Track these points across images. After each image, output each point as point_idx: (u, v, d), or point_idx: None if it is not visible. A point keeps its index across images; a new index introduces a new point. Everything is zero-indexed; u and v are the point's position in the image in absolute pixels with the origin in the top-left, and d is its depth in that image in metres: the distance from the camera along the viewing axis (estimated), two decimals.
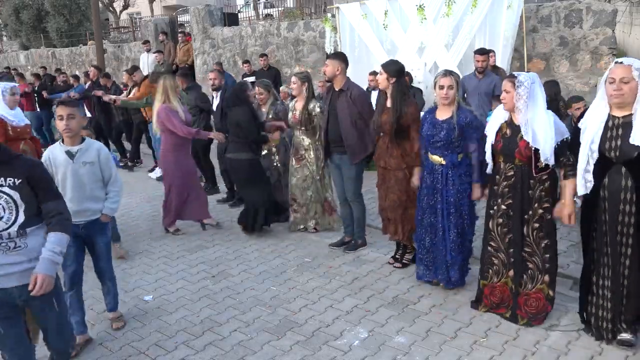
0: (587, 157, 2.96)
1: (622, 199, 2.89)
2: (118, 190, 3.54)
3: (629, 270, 2.96)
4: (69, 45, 17.63)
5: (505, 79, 3.37)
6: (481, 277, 3.62)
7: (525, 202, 3.34)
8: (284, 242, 5.20)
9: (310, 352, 3.28)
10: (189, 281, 4.42)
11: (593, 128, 2.95)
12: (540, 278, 3.39)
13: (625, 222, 2.92)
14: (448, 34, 7.62)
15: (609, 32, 7.47)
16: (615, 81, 2.80)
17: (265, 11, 21.52)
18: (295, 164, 5.25)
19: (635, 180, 2.84)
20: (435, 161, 3.82)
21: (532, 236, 3.36)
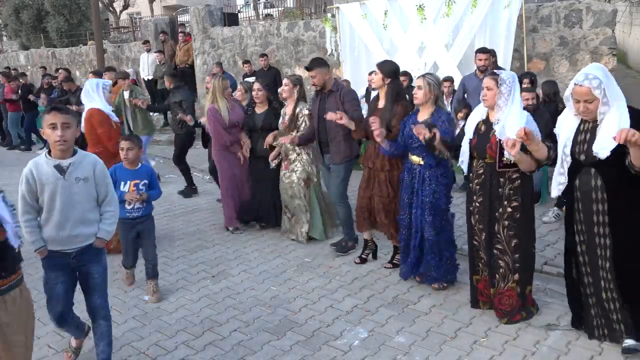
0: (561, 161, 3.06)
1: (594, 198, 2.96)
2: (114, 210, 3.06)
3: (609, 273, 2.98)
4: (69, 45, 17.62)
5: (487, 76, 3.42)
6: (473, 273, 3.66)
7: (494, 200, 3.40)
8: (284, 242, 5.20)
9: (310, 352, 3.28)
10: (189, 281, 4.42)
11: (566, 132, 3.04)
12: (510, 277, 3.43)
13: (600, 222, 2.97)
14: (448, 34, 7.62)
15: (609, 32, 7.47)
16: (581, 102, 2.88)
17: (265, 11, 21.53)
18: (283, 169, 5.14)
19: (604, 179, 2.91)
20: (414, 161, 3.90)
21: (502, 234, 3.41)
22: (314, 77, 4.62)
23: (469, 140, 3.50)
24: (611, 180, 2.89)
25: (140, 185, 4.02)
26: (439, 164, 3.83)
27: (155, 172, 4.20)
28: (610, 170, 2.87)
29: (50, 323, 3.79)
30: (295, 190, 5.06)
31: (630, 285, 2.95)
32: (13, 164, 10.30)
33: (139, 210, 4.04)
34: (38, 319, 3.86)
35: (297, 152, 5.04)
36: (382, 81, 4.16)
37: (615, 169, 2.84)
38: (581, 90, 2.85)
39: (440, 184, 3.84)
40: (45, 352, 3.45)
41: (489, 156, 3.37)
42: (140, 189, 4.01)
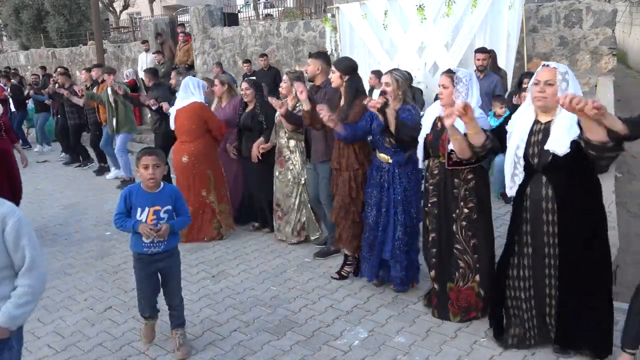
0: (514, 163, 2.93)
1: (544, 208, 2.85)
2: (33, 285, 2.13)
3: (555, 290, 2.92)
4: (69, 45, 17.62)
5: (444, 74, 3.37)
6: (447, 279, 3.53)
7: (449, 200, 3.38)
8: (284, 242, 5.20)
9: (310, 352, 3.28)
10: (189, 281, 4.41)
11: (518, 134, 2.91)
12: (471, 277, 3.42)
13: (550, 232, 2.87)
14: (448, 34, 7.62)
15: (609, 32, 7.47)
16: (540, 83, 2.76)
17: (265, 11, 21.52)
18: (279, 167, 5.07)
19: (555, 189, 2.81)
20: (383, 159, 3.83)
21: (461, 234, 3.39)
22: (308, 66, 4.65)
23: (425, 135, 3.45)
24: (562, 189, 2.80)
25: (162, 213, 3.17)
26: (408, 161, 3.76)
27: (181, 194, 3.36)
28: (562, 179, 2.79)
29: (51, 323, 3.81)
30: (290, 189, 5.03)
31: (572, 296, 2.89)
32: None
33: (160, 245, 3.19)
34: (38, 319, 3.89)
35: (290, 149, 4.98)
36: (340, 79, 4.09)
37: (567, 177, 2.77)
38: (546, 70, 2.75)
39: (411, 182, 3.78)
40: (46, 352, 3.45)
41: (442, 155, 3.34)
42: (161, 217, 3.17)
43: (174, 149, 5.37)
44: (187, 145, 5.22)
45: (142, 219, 3.13)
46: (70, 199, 7.36)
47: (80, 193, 7.68)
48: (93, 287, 4.41)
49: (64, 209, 6.90)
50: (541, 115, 2.85)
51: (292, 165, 4.98)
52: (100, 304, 4.09)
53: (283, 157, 5.03)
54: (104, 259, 5.04)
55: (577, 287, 2.88)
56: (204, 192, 5.26)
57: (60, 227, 6.13)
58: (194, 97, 5.23)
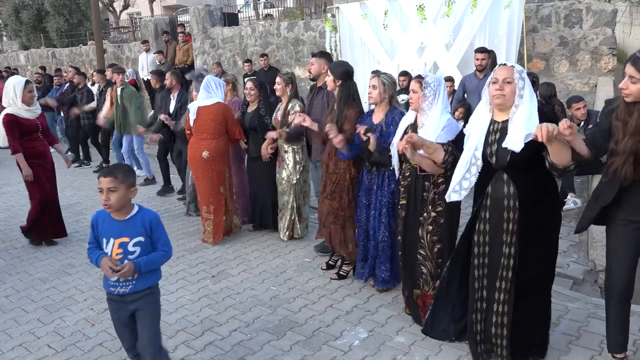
0: (469, 165, 2.88)
1: (505, 206, 2.81)
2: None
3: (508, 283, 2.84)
4: (69, 45, 17.63)
5: (414, 79, 3.40)
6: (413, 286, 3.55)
7: (418, 203, 3.38)
8: (284, 242, 5.20)
9: (310, 352, 3.28)
10: (189, 281, 4.42)
11: (477, 134, 2.89)
12: (432, 284, 3.40)
13: (508, 230, 2.81)
14: (448, 34, 7.62)
15: (609, 32, 7.47)
16: (498, 81, 2.74)
17: (265, 11, 21.51)
18: (278, 167, 5.15)
19: (517, 187, 2.78)
20: None
21: (426, 239, 3.37)
22: (312, 65, 4.66)
23: (396, 143, 3.40)
24: (524, 187, 2.78)
25: (130, 246, 2.58)
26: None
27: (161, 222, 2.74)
28: (522, 176, 2.77)
29: (51, 323, 3.81)
30: (284, 187, 5.08)
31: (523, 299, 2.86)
32: (13, 165, 10.30)
33: (127, 285, 2.61)
34: (38, 319, 3.89)
35: (285, 149, 5.04)
36: (334, 83, 4.12)
37: (527, 175, 2.77)
38: (504, 69, 2.75)
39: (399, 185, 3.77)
40: (46, 352, 3.45)
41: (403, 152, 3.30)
42: (129, 251, 2.58)
43: (191, 143, 5.40)
44: (207, 142, 5.24)
45: (108, 252, 2.60)
46: (70, 199, 7.35)
47: (80, 193, 7.68)
48: (93, 287, 4.41)
49: (64, 209, 6.87)
50: (497, 115, 2.84)
51: (286, 165, 5.05)
52: (100, 304, 4.09)
53: (280, 157, 5.12)
54: None
55: (530, 288, 2.86)
56: (222, 189, 5.32)
57: None
58: (217, 96, 5.29)
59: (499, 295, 2.88)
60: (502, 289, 2.86)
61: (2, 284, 4.57)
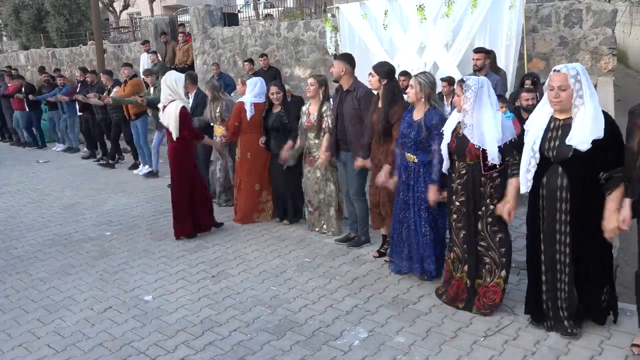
0: (529, 158, 3.13)
1: (559, 197, 3.05)
2: None
3: (567, 268, 3.12)
4: (69, 45, 17.63)
5: (457, 82, 3.59)
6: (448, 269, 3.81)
7: (477, 198, 3.53)
8: (284, 242, 5.21)
9: (310, 352, 3.28)
10: (189, 281, 4.42)
11: (536, 130, 3.12)
12: (497, 272, 3.55)
13: (562, 220, 3.07)
14: (448, 34, 7.61)
15: (609, 32, 7.47)
16: (554, 89, 2.96)
17: (265, 11, 21.52)
18: (307, 166, 5.26)
19: (570, 179, 3.00)
20: (409, 159, 3.99)
21: (486, 231, 3.54)
22: (333, 67, 4.75)
23: (447, 144, 3.62)
24: (577, 180, 2.99)
25: None
26: (432, 161, 3.89)
27: None
28: (577, 170, 2.97)
29: (51, 323, 3.81)
30: (320, 185, 5.20)
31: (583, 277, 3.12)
32: (13, 164, 10.31)
33: None
34: (38, 319, 3.89)
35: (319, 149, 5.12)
36: (379, 82, 4.30)
37: (582, 168, 2.95)
38: (558, 76, 2.96)
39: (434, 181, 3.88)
40: (46, 352, 3.45)
41: (469, 158, 3.49)
42: None
43: (247, 139, 5.73)
44: (256, 137, 5.67)
45: None
46: (70, 199, 7.36)
47: (80, 193, 7.68)
48: (93, 287, 4.41)
49: (64, 209, 6.90)
50: (558, 114, 3.06)
51: (321, 165, 5.14)
52: (100, 304, 4.09)
53: (312, 156, 5.19)
54: (104, 259, 5.04)
55: (584, 275, 3.11)
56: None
57: (60, 227, 6.13)
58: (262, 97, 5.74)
59: (560, 276, 3.15)
60: (561, 270, 3.14)
61: (2, 284, 4.57)
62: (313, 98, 5.12)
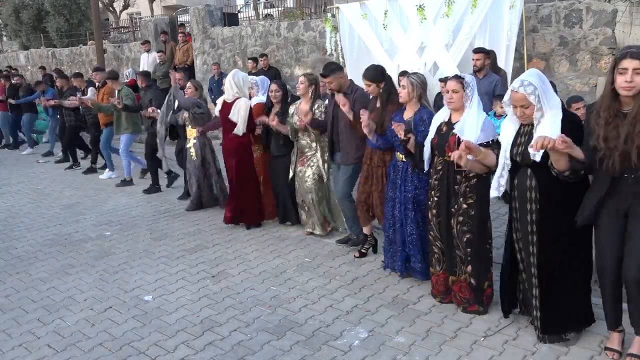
0: (503, 164, 3.17)
1: (528, 197, 3.08)
2: None
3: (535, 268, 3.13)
4: (69, 45, 17.63)
5: (452, 80, 3.53)
6: (430, 265, 3.85)
7: (451, 195, 3.55)
8: (284, 242, 5.21)
9: (310, 352, 3.28)
10: (189, 281, 4.42)
11: (507, 137, 3.16)
12: (463, 269, 3.59)
13: (531, 220, 3.09)
14: (448, 34, 7.61)
15: (609, 32, 7.47)
16: (517, 107, 3.02)
17: (265, 11, 21.51)
18: (299, 165, 5.22)
19: (538, 180, 3.02)
20: (398, 157, 4.02)
21: (456, 229, 3.56)
22: (330, 83, 4.68)
23: (430, 139, 3.64)
24: (544, 181, 3.00)
25: None
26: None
27: None
28: (544, 171, 2.96)
29: (51, 323, 3.81)
30: (309, 184, 5.16)
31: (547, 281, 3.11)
32: (13, 164, 10.31)
33: None
34: (38, 319, 3.89)
35: (313, 149, 5.13)
36: (378, 88, 4.32)
37: (549, 170, 2.95)
38: (517, 96, 2.98)
39: (422, 180, 3.90)
40: (46, 352, 3.45)
41: (448, 154, 3.50)
42: None
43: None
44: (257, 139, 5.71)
45: None
46: (70, 199, 7.36)
47: (80, 193, 7.69)
48: (93, 287, 4.41)
49: (63, 209, 6.90)
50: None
51: (313, 163, 5.13)
52: (100, 304, 4.09)
53: (305, 156, 5.16)
54: (104, 259, 5.04)
55: (555, 277, 3.10)
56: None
57: (60, 227, 6.13)
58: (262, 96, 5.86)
59: (533, 280, 3.17)
60: (533, 273, 3.14)
61: (2, 284, 4.58)
62: (303, 96, 5.09)
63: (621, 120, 2.68)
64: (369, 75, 4.33)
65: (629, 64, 2.59)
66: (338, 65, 4.80)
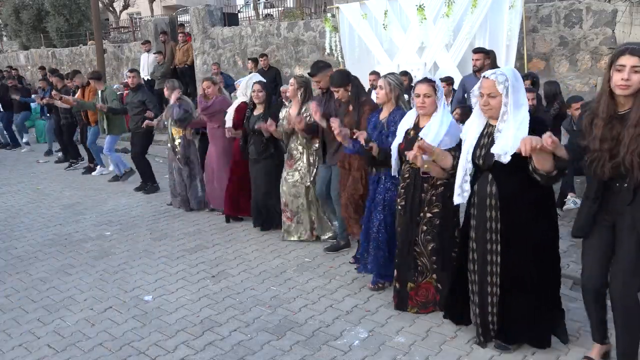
0: (466, 168, 3.02)
1: (488, 204, 2.96)
2: None
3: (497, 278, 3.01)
4: (69, 45, 17.63)
5: (424, 84, 3.43)
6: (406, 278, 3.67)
7: (416, 204, 3.49)
8: (283, 242, 5.20)
9: (310, 352, 3.28)
10: (189, 281, 4.42)
11: (470, 138, 3.02)
12: (428, 275, 3.56)
13: (492, 229, 2.97)
14: (448, 34, 7.62)
15: (609, 32, 7.47)
16: (484, 96, 2.87)
17: (265, 11, 21.49)
18: (287, 168, 5.12)
19: (499, 187, 2.91)
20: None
21: (420, 237, 3.50)
22: (319, 82, 4.67)
23: (397, 144, 3.55)
24: (506, 187, 2.89)
25: None
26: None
27: None
28: (506, 177, 2.87)
29: (51, 323, 3.81)
30: (298, 189, 5.05)
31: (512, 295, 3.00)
32: (13, 164, 10.31)
33: None
34: (38, 319, 3.89)
35: (300, 151, 5.04)
36: (346, 92, 4.27)
37: (511, 176, 2.84)
38: (486, 82, 2.86)
39: (394, 183, 3.83)
40: (46, 352, 3.45)
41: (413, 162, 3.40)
42: None
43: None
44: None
45: None
46: (70, 199, 7.36)
47: (80, 193, 7.68)
48: (93, 287, 4.41)
49: (63, 209, 6.90)
50: (492, 120, 2.96)
51: (300, 167, 5.04)
52: (100, 304, 4.09)
53: (294, 159, 5.07)
54: (104, 259, 5.04)
55: (518, 287, 2.98)
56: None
57: (60, 227, 6.13)
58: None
59: (490, 289, 3.06)
60: (492, 282, 3.04)
61: (2, 284, 4.57)
62: (293, 100, 5.01)
63: (617, 122, 2.54)
64: (334, 82, 4.30)
65: (627, 60, 2.42)
66: (326, 63, 4.73)
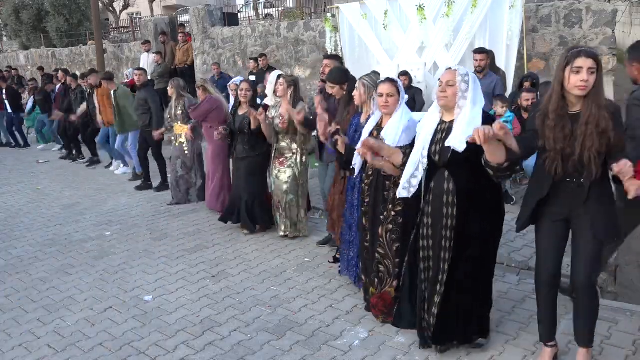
0: (417, 163, 3.03)
1: (445, 201, 2.96)
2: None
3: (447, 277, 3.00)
4: (69, 45, 17.63)
5: (386, 83, 3.42)
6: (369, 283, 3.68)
7: (379, 202, 3.47)
8: (284, 242, 5.21)
9: (310, 352, 3.28)
10: (189, 281, 4.42)
11: (425, 134, 3.03)
12: (389, 282, 3.48)
13: (447, 225, 2.97)
14: (448, 34, 7.61)
15: (609, 32, 7.47)
16: (443, 84, 2.89)
17: (265, 11, 21.50)
18: (278, 166, 5.15)
19: (456, 184, 2.92)
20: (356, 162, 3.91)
21: (385, 237, 3.45)
22: (325, 66, 4.72)
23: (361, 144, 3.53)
24: (462, 184, 2.91)
25: None
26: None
27: None
28: (462, 173, 2.89)
29: (51, 323, 3.81)
30: (289, 186, 5.11)
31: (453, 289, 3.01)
32: (13, 164, 10.31)
33: None
34: (38, 319, 3.89)
35: (292, 151, 5.11)
36: (341, 90, 4.28)
37: (467, 172, 2.87)
38: (448, 72, 2.90)
39: None
40: (46, 352, 3.45)
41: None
42: None
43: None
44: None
45: None
46: (70, 199, 7.36)
47: (80, 193, 7.68)
48: (93, 287, 4.41)
49: (63, 208, 6.90)
50: (445, 115, 2.99)
51: (293, 164, 5.11)
52: (100, 304, 4.09)
53: (285, 157, 5.12)
54: (104, 259, 5.04)
55: (461, 284, 3.01)
56: None
57: (60, 227, 6.13)
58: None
59: (439, 288, 3.04)
60: (441, 281, 3.02)
61: (2, 284, 4.58)
62: (282, 99, 5.01)
63: (567, 122, 2.62)
64: (331, 78, 4.31)
65: (583, 62, 2.53)
66: (340, 59, 4.79)
